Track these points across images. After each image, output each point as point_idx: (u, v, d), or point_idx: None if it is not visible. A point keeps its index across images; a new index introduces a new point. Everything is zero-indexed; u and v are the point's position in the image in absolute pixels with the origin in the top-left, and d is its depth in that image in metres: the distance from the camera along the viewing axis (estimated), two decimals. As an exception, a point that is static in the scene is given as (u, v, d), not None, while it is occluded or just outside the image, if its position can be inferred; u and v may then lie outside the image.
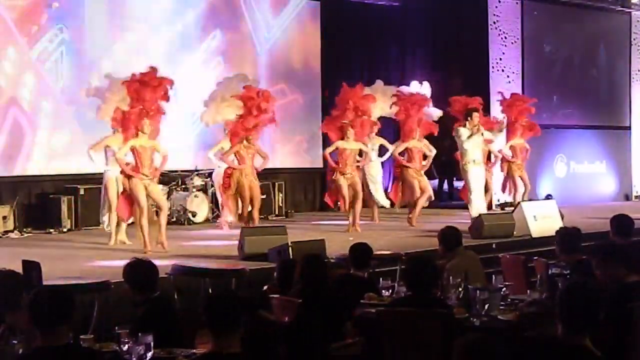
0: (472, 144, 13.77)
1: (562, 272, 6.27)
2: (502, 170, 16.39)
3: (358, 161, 14.26)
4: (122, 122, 11.56)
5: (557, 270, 6.34)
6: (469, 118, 13.93)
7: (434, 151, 14.66)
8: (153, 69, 11.79)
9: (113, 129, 12.11)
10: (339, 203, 13.86)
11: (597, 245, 6.46)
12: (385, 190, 18.65)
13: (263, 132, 13.75)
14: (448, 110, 15.22)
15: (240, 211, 13.17)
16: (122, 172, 11.59)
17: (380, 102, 15.01)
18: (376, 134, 15.26)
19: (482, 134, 13.90)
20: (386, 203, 15.31)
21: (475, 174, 13.82)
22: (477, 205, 13.75)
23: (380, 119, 15.45)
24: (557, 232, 7.38)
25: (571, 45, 20.32)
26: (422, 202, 14.46)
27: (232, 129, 13.10)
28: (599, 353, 3.97)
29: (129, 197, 11.52)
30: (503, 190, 16.69)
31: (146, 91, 11.47)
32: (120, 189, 11.88)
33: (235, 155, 13.01)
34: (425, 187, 14.49)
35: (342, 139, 13.72)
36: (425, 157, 14.69)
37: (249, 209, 13.10)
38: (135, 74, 11.76)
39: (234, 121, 13.17)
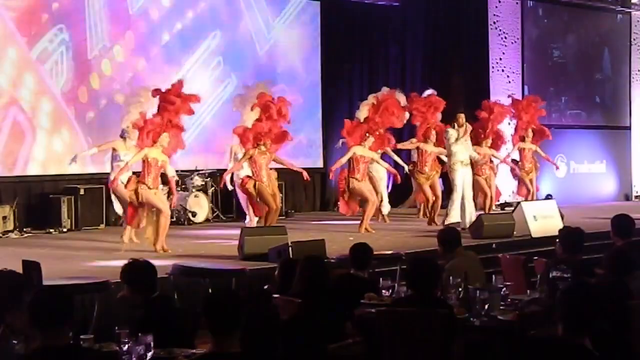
0: (460, 146, 13.77)
1: (563, 275, 6.26)
2: (514, 177, 16.31)
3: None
4: (141, 128, 11.49)
5: (558, 274, 6.33)
6: (454, 119, 13.95)
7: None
8: (180, 83, 11.80)
9: (123, 134, 12.12)
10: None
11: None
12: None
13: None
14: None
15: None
16: (127, 185, 11.61)
17: None
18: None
19: (467, 138, 13.97)
20: (386, 210, 15.18)
21: (462, 175, 13.79)
22: (456, 208, 13.67)
23: None
24: (560, 230, 7.39)
25: (571, 46, 20.33)
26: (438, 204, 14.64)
27: (242, 134, 12.91)
28: (598, 353, 3.97)
29: (133, 206, 11.49)
30: (519, 193, 16.55)
31: (178, 104, 11.46)
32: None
33: (249, 161, 12.79)
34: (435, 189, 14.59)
35: (359, 144, 13.64)
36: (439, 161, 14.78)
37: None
38: (167, 88, 11.69)
39: (240, 127, 12.99)
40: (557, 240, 7.21)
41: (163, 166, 11.46)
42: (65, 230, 13.94)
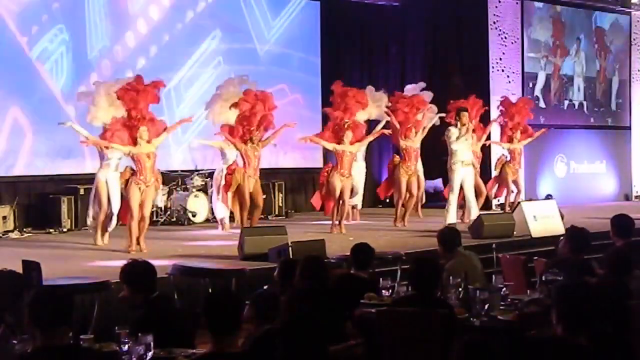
0: (461, 145, 13.78)
1: (556, 278, 6.25)
2: (495, 169, 16.33)
3: None
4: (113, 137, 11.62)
5: (551, 277, 6.31)
6: (457, 118, 13.97)
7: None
8: (139, 77, 11.92)
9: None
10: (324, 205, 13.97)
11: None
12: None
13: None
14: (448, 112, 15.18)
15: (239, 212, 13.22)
16: (121, 175, 11.78)
17: (369, 107, 14.94)
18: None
19: (472, 136, 13.98)
20: (358, 203, 15.18)
21: (462, 174, 13.80)
22: (453, 209, 13.71)
23: (368, 122, 15.32)
24: (568, 230, 7.39)
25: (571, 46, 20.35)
26: (411, 203, 14.63)
27: (230, 132, 13.09)
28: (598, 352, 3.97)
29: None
30: (489, 191, 16.52)
31: (141, 98, 11.58)
32: (112, 192, 12.02)
33: (242, 156, 13.03)
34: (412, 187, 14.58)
35: (339, 143, 13.69)
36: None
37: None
38: (126, 83, 11.80)
39: (231, 125, 13.17)
40: (564, 239, 7.21)
41: (154, 154, 11.58)
42: (65, 230, 13.95)
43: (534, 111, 17.08)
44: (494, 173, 16.44)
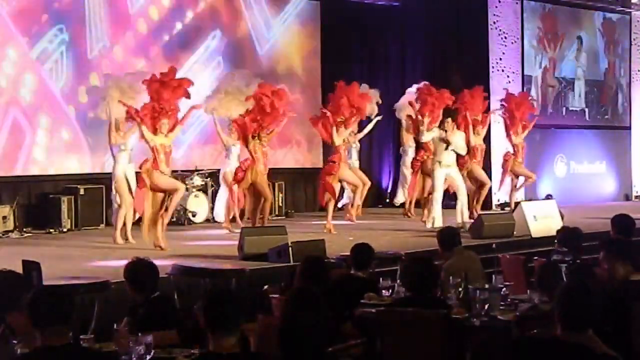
0: (442, 147, 13.80)
1: (564, 258, 6.25)
2: (502, 167, 16.30)
3: None
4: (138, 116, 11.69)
5: (559, 257, 6.31)
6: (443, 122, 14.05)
7: None
8: (172, 69, 11.99)
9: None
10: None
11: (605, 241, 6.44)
12: (386, 189, 18.70)
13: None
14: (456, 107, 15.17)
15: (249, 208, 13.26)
16: (140, 166, 11.74)
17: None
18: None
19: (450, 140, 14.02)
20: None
21: (441, 175, 13.76)
22: (438, 210, 13.69)
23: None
24: (558, 231, 7.41)
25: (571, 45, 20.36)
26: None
27: (241, 125, 13.06)
28: (605, 349, 3.96)
29: (143, 192, 11.65)
30: (500, 186, 16.57)
31: (166, 91, 11.59)
32: (133, 184, 12.08)
33: (250, 153, 13.01)
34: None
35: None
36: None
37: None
38: (155, 74, 11.86)
39: (241, 118, 13.13)
40: (557, 240, 7.22)
41: (170, 147, 11.69)
42: (65, 230, 13.94)
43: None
44: (502, 172, 16.40)
